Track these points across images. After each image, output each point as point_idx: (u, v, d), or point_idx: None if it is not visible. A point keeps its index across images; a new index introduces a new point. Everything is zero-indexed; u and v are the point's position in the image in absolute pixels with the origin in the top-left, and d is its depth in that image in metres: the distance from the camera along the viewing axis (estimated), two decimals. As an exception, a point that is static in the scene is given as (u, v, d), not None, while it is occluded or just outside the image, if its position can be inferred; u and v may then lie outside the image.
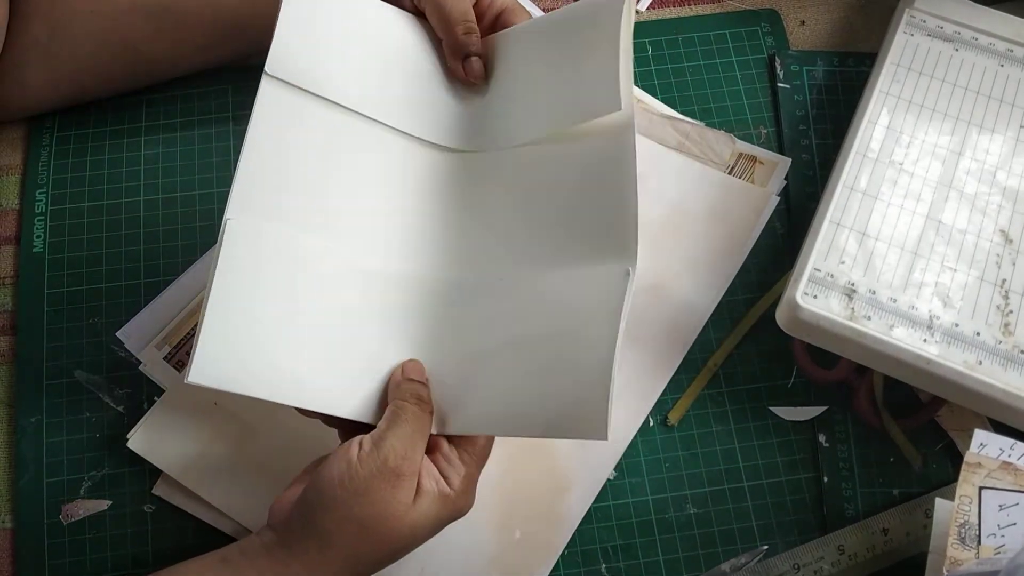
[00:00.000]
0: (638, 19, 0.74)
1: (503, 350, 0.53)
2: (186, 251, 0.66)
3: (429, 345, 0.55)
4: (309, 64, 0.56)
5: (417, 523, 0.50)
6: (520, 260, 0.55)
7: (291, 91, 0.55)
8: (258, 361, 0.51)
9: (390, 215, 0.57)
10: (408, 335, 0.55)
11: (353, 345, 0.53)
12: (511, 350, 0.53)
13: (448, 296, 0.56)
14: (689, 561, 0.60)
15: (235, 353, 0.50)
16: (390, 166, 0.58)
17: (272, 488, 0.58)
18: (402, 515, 0.49)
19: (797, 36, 0.74)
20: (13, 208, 0.68)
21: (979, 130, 0.64)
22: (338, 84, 0.57)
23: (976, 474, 0.55)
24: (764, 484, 0.62)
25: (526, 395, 0.52)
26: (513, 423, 0.52)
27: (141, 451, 0.60)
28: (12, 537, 0.60)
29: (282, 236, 0.53)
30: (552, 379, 0.51)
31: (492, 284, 0.55)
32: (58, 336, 0.64)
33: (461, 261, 0.56)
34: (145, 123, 0.70)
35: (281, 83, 0.55)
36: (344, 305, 0.54)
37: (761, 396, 0.63)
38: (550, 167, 0.56)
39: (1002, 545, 0.53)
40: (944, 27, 0.68)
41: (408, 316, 0.55)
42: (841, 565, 0.58)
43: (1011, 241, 0.61)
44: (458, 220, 0.58)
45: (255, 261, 0.52)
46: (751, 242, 0.66)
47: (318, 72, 0.56)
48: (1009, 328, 0.58)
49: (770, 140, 0.70)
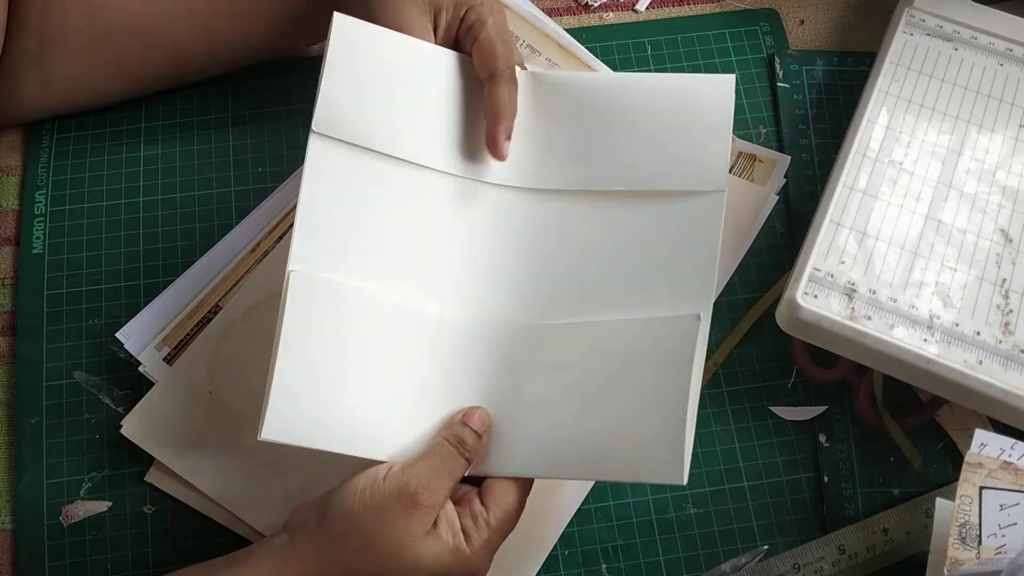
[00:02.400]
0: (637, 19, 0.74)
1: (567, 393, 0.54)
2: (186, 252, 0.66)
3: (488, 388, 0.56)
4: (355, 118, 0.57)
5: (423, 560, 0.49)
6: (586, 305, 0.56)
7: (340, 146, 0.56)
8: (326, 413, 0.52)
9: (448, 258, 0.58)
10: (468, 379, 0.56)
11: (415, 391, 0.55)
12: (576, 394, 0.54)
13: (510, 339, 0.57)
14: (689, 561, 0.60)
15: (305, 407, 0.51)
16: (444, 209, 0.58)
17: (264, 477, 0.59)
18: (409, 545, 0.49)
19: (796, 35, 0.74)
20: (12, 209, 0.67)
21: (979, 129, 0.64)
22: (386, 135, 0.57)
23: (977, 474, 0.55)
24: (764, 484, 0.61)
25: (592, 438, 0.53)
26: (577, 465, 0.53)
27: (134, 437, 0.60)
28: (12, 538, 0.60)
29: (342, 286, 0.54)
30: (624, 423, 0.52)
31: (555, 328, 0.56)
32: (57, 337, 0.64)
33: (522, 304, 0.57)
34: (144, 124, 0.70)
35: (329, 139, 0.56)
36: (405, 352, 0.55)
37: (761, 396, 0.63)
38: (627, 216, 0.57)
39: (1003, 545, 0.53)
40: (943, 26, 0.68)
41: (469, 359, 0.56)
42: (841, 565, 0.58)
43: (1011, 240, 0.61)
44: (520, 262, 0.58)
45: (318, 312, 0.53)
46: (750, 240, 0.66)
47: (365, 125, 0.57)
48: (1009, 327, 0.58)
49: (770, 140, 0.70)
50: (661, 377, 0.52)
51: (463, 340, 0.56)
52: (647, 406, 0.52)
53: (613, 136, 0.59)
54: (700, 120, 0.58)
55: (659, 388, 0.52)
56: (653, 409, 0.52)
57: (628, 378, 0.53)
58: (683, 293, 0.54)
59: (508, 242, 0.59)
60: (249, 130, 0.70)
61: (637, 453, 0.51)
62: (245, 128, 0.70)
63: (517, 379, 0.55)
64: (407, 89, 0.58)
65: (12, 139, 0.69)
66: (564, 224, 0.58)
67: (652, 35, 0.73)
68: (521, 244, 0.58)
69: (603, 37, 0.73)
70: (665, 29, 0.73)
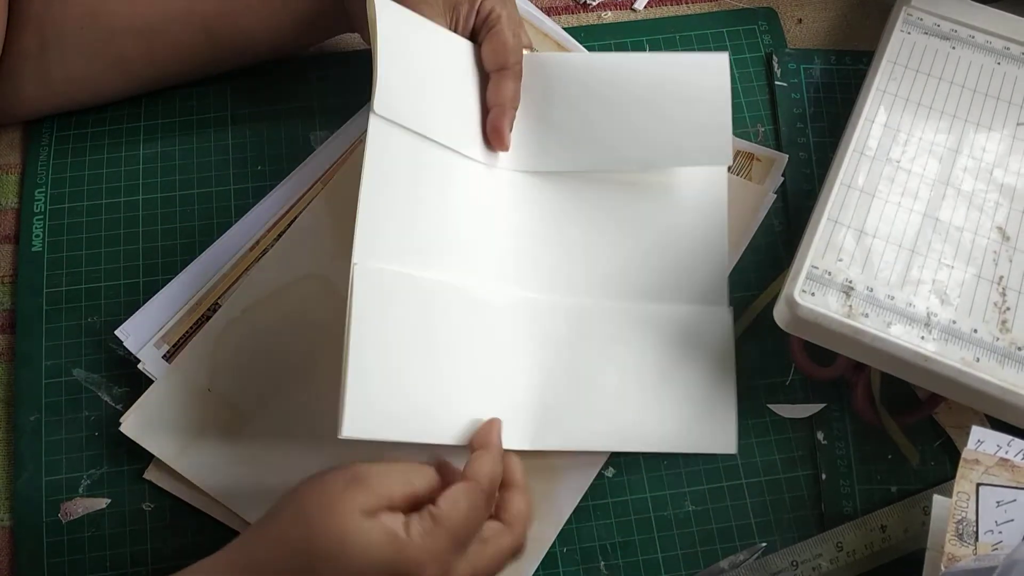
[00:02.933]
0: (635, 18, 0.74)
1: (620, 371, 0.60)
2: (185, 250, 0.66)
3: (542, 365, 0.59)
4: (411, 103, 0.57)
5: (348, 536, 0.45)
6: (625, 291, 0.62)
7: (398, 130, 0.56)
8: (398, 404, 0.52)
9: (491, 243, 0.60)
10: (523, 358, 0.59)
11: (474, 374, 0.56)
12: (628, 372, 0.60)
13: (558, 320, 0.60)
14: (687, 558, 0.60)
15: (380, 401, 0.52)
16: (478, 195, 0.60)
17: (262, 475, 0.59)
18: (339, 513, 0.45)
19: (794, 34, 0.74)
20: (12, 207, 0.68)
21: (976, 128, 0.64)
22: (431, 120, 0.58)
23: (973, 471, 0.55)
24: (762, 481, 0.62)
25: (647, 413, 0.60)
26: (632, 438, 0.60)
27: (133, 435, 0.60)
28: (11, 535, 0.60)
29: (404, 276, 0.55)
30: (679, 401, 0.60)
31: (604, 309, 0.61)
32: (57, 335, 0.64)
33: (572, 286, 0.61)
34: (144, 122, 0.70)
35: (388, 122, 0.56)
36: (463, 336, 0.56)
37: (759, 393, 0.63)
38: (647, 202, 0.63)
39: (999, 541, 0.53)
40: (941, 25, 0.68)
41: (524, 340, 0.59)
42: (839, 562, 0.59)
43: (1008, 238, 0.61)
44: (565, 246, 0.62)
45: (384, 305, 0.53)
46: (748, 239, 0.66)
47: (418, 111, 0.57)
48: (1006, 325, 0.58)
49: (768, 138, 0.70)
50: (710, 362, 0.61)
51: (514, 322, 0.59)
52: (699, 387, 0.61)
53: (616, 116, 0.62)
54: (699, 98, 0.62)
55: (709, 371, 0.61)
56: (705, 389, 0.61)
57: (677, 360, 0.61)
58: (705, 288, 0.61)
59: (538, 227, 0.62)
60: (249, 129, 0.70)
61: (694, 428, 0.60)
62: (245, 127, 0.70)
63: (571, 358, 0.60)
64: (439, 75, 0.60)
65: (12, 137, 0.69)
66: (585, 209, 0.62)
67: (650, 34, 0.73)
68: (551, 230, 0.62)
69: (601, 36, 0.73)
70: (663, 28, 0.73)
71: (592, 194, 0.63)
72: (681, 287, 0.62)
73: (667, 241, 0.62)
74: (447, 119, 0.60)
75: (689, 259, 0.62)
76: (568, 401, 0.59)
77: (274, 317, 0.63)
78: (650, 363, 0.61)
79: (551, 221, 0.62)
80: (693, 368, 0.61)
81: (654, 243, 0.62)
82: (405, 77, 0.58)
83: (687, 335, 0.61)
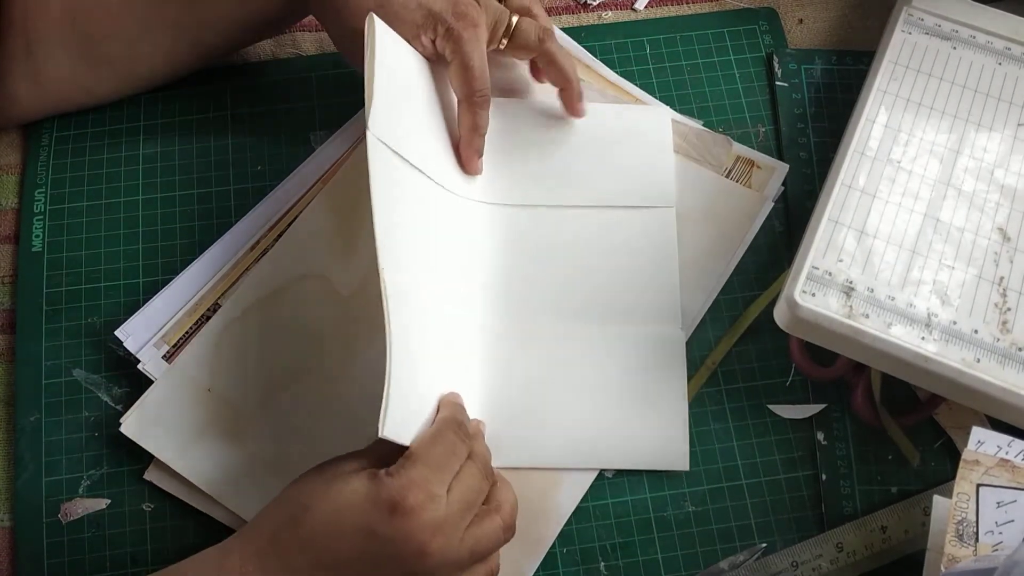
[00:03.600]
0: (636, 18, 0.74)
1: (575, 391, 0.62)
2: (185, 250, 0.66)
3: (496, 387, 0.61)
4: (400, 130, 0.59)
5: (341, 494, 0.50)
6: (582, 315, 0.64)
7: (391, 154, 0.58)
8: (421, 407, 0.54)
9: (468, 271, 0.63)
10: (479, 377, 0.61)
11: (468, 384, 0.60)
12: (585, 391, 0.62)
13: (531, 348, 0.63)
14: (687, 559, 0.60)
15: (411, 403, 0.54)
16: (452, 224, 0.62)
17: (263, 475, 0.59)
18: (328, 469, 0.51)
19: (795, 34, 0.74)
20: (12, 207, 0.68)
21: (977, 128, 0.64)
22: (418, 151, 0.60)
23: (974, 471, 0.55)
24: (763, 482, 0.62)
25: (606, 432, 0.61)
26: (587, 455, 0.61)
27: (133, 435, 0.60)
28: (11, 536, 0.60)
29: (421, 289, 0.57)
30: (632, 419, 0.61)
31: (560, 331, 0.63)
32: (57, 335, 0.64)
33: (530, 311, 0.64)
34: (144, 122, 0.70)
35: (383, 145, 0.57)
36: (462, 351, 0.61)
37: (759, 394, 0.63)
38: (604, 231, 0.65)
39: (1000, 542, 0.53)
40: (942, 25, 0.68)
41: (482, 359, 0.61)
42: (839, 563, 0.59)
43: (1009, 239, 0.61)
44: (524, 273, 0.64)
45: (410, 317, 0.55)
46: (744, 246, 0.66)
47: (406, 139, 0.59)
48: (1007, 326, 0.58)
49: (768, 139, 0.70)
50: (662, 384, 0.62)
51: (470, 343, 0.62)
52: (652, 407, 0.62)
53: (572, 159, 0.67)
54: (645, 145, 0.67)
55: (661, 390, 0.62)
56: (657, 409, 0.62)
57: (630, 380, 0.62)
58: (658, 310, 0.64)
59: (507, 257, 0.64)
60: (248, 129, 0.70)
61: (647, 445, 0.61)
62: (244, 127, 0.70)
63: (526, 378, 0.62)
64: (420, 101, 0.61)
65: (11, 137, 0.69)
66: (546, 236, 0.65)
67: (651, 34, 0.73)
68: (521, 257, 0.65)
69: (602, 36, 0.73)
70: (664, 28, 0.73)
71: (550, 224, 0.65)
72: (635, 310, 0.64)
73: (621, 266, 0.65)
74: (426, 145, 0.61)
75: (642, 283, 0.64)
76: (523, 420, 0.61)
77: (274, 317, 0.63)
78: (603, 382, 0.62)
79: (515, 250, 0.65)
80: (646, 387, 0.62)
81: (611, 269, 0.64)
82: (396, 106, 0.59)
83: (640, 356, 0.63)
